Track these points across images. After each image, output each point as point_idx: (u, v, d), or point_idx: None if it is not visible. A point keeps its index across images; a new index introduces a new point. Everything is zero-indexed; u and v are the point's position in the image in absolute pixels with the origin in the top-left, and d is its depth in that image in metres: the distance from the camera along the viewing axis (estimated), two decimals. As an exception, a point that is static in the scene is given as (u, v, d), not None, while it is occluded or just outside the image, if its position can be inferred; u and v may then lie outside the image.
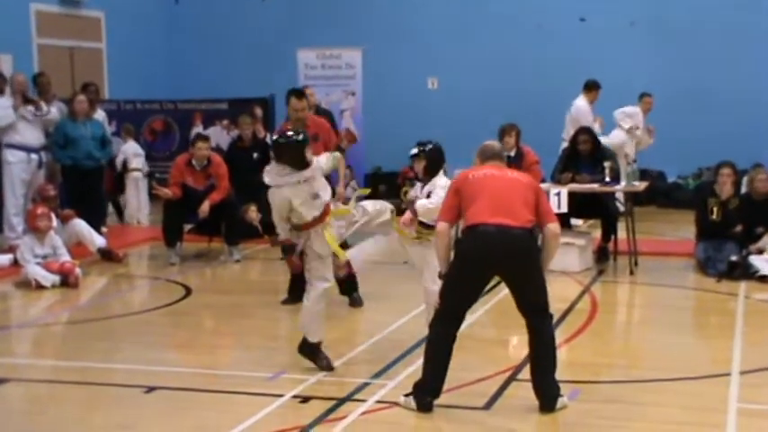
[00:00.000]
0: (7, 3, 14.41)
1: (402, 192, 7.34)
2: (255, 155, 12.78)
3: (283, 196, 6.31)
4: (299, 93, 8.49)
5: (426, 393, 5.73)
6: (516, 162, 10.44)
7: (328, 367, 6.47)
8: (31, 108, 11.33)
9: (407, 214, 6.76)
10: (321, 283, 6.51)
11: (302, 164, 6.35)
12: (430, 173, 6.91)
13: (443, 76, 17.28)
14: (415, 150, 6.97)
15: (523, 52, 16.43)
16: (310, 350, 6.55)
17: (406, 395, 5.81)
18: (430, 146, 7.02)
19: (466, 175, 5.90)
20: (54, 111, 11.67)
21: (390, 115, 16.45)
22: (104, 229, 11.91)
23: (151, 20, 17.63)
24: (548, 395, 5.73)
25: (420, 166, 6.92)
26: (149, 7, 17.64)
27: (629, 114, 13.65)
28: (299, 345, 6.59)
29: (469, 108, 16.46)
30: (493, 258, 5.64)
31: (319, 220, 6.44)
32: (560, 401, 5.74)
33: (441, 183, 6.80)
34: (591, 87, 13.53)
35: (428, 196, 6.79)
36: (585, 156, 10.53)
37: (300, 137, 6.40)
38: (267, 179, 6.37)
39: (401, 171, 17.18)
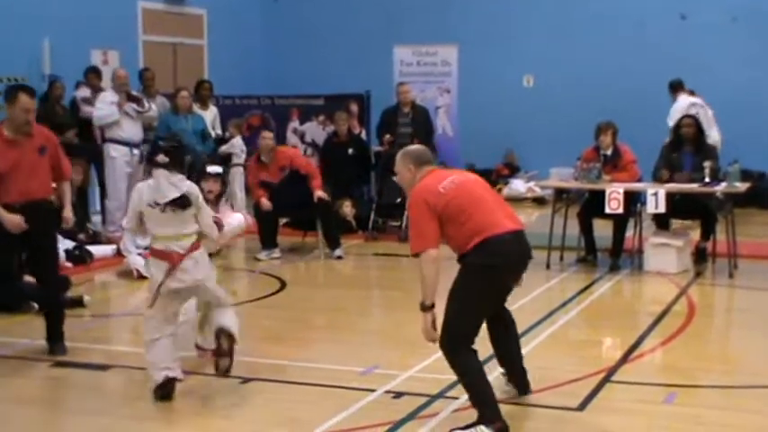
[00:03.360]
0: (116, 0, 14.81)
1: (496, 189, 7.23)
2: (351, 150, 12.90)
3: None
4: (31, 90, 6.95)
5: (498, 417, 5.27)
6: (613, 161, 10.33)
7: None
8: (134, 105, 11.63)
9: None
10: None
11: None
12: None
13: (539, 74, 17.15)
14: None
15: (622, 49, 16.19)
16: None
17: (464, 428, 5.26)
18: None
19: (434, 191, 5.30)
20: (154, 108, 11.95)
21: (485, 113, 16.39)
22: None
23: (251, 17, 17.92)
24: (526, 379, 5.87)
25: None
26: (249, 4, 17.93)
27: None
28: None
29: (565, 106, 16.30)
30: (516, 266, 5.47)
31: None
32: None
33: None
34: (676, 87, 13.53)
35: None
36: (689, 142, 10.30)
37: None
38: None
39: (495, 168, 17.16)
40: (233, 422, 5.65)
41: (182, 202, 5.87)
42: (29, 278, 8.53)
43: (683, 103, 13.26)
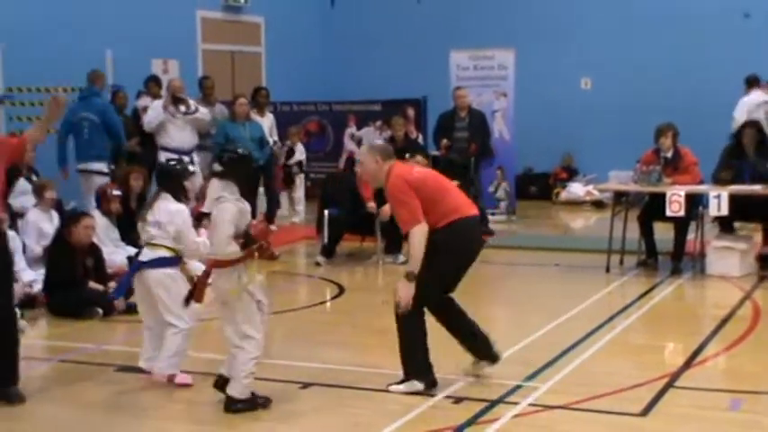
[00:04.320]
0: (175, 10, 15.04)
1: (554, 193, 7.26)
2: (408, 155, 12.89)
3: None
4: None
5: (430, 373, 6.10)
6: (673, 163, 10.21)
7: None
8: (182, 107, 11.69)
9: None
10: None
11: None
12: None
13: (597, 77, 17.02)
14: None
15: (681, 49, 16.01)
16: None
17: (399, 383, 6.12)
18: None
19: (410, 174, 6.04)
20: (204, 110, 12.02)
21: (542, 116, 16.30)
22: (273, 227, 12.23)
23: (307, 24, 18.04)
24: (490, 345, 6.30)
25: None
26: (306, 11, 18.05)
27: None
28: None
29: (624, 108, 16.16)
30: (478, 248, 6.24)
31: None
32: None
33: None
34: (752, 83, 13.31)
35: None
36: (750, 149, 10.15)
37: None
38: None
39: (553, 172, 17.06)
40: (293, 428, 5.69)
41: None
42: (93, 285, 8.72)
43: (754, 98, 13.08)
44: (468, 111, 13.04)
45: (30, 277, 8.98)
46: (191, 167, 6.97)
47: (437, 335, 6.26)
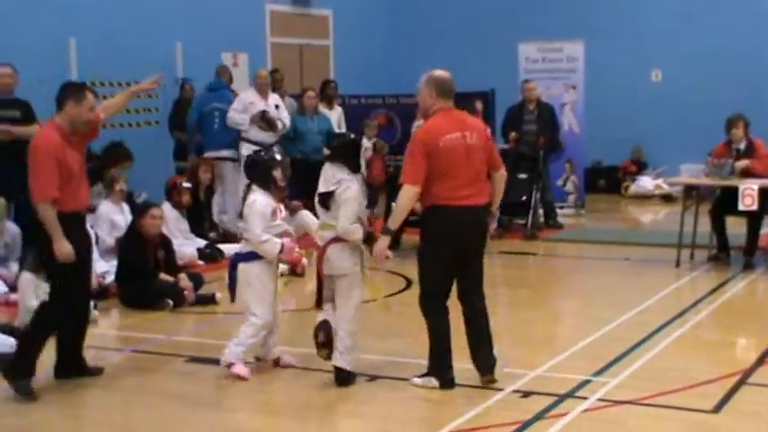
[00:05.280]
0: (244, 3, 15.16)
1: (623, 186, 7.16)
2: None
3: None
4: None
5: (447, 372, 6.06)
6: (747, 155, 10.02)
7: None
8: (263, 126, 11.74)
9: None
10: None
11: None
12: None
13: (667, 68, 16.78)
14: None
15: (752, 40, 15.70)
16: None
17: (421, 376, 6.12)
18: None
19: (434, 137, 5.83)
20: (287, 123, 11.94)
21: (612, 109, 16.12)
22: None
23: (375, 16, 18.05)
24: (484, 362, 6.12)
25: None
26: (374, 4, 18.06)
27: None
28: None
29: (694, 100, 15.91)
30: (462, 236, 5.93)
31: None
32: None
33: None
34: None
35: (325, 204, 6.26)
36: None
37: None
38: None
39: (622, 165, 16.85)
40: (362, 421, 5.72)
41: (321, 200, 6.21)
42: (164, 276, 8.85)
43: None
44: (537, 103, 12.95)
45: (103, 268, 9.16)
46: (277, 156, 6.97)
47: (511, 325, 6.24)
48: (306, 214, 11.34)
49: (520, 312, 8.46)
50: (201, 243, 10.64)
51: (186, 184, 10.54)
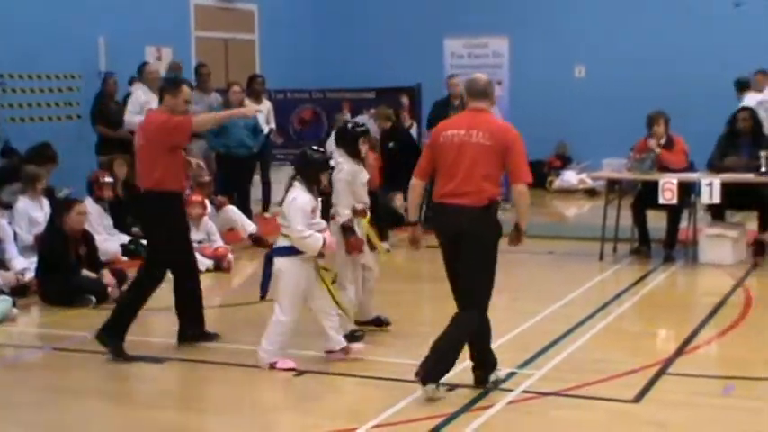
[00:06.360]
0: (169, -2, 15.00)
1: (548, 181, 7.31)
2: (391, 144, 12.93)
3: None
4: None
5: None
6: (667, 150, 10.20)
7: None
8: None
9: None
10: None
11: None
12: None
13: (591, 64, 17.02)
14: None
15: (673, 39, 16.01)
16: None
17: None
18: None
19: (440, 133, 5.86)
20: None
21: (536, 104, 16.27)
22: (268, 215, 12.25)
23: (301, 11, 17.98)
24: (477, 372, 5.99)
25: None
26: (299, -1, 18.01)
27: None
28: None
29: (617, 96, 16.14)
30: (444, 237, 5.86)
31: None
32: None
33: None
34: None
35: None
36: (745, 136, 10.18)
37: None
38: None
39: (547, 160, 17.05)
40: (290, 414, 5.71)
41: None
42: (86, 272, 8.69)
43: (750, 101, 12.96)
44: (462, 99, 13.00)
45: (22, 265, 8.97)
46: (331, 162, 6.96)
47: (437, 319, 6.26)
48: (231, 209, 11.31)
49: (447, 306, 8.46)
50: (125, 239, 10.48)
51: (108, 179, 10.38)
